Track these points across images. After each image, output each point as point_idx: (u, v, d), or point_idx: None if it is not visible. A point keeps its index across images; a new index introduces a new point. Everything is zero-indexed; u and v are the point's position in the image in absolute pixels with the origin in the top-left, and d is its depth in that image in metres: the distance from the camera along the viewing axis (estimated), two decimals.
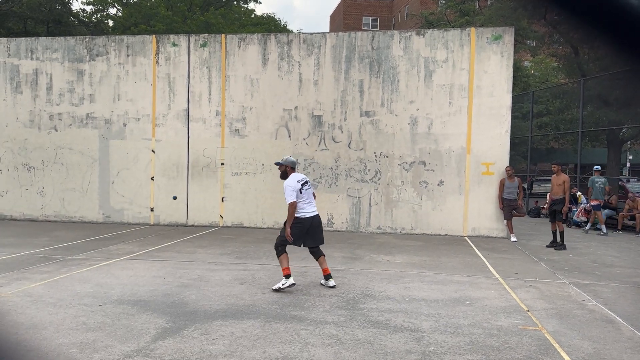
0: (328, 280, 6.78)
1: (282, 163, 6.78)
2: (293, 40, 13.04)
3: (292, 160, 6.81)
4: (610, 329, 5.32)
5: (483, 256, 9.57)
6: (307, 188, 6.68)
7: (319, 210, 12.63)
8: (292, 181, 6.58)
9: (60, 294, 6.24)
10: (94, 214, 13.67)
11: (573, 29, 0.71)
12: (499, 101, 12.15)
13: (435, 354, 4.46)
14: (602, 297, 6.68)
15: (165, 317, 5.39)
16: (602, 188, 13.67)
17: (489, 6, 27.57)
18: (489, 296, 6.55)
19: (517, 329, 5.21)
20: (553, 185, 10.98)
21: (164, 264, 8.22)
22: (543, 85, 30.78)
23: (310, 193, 6.72)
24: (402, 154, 12.60)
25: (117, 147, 13.58)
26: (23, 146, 13.95)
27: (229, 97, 13.21)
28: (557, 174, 10.91)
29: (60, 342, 4.58)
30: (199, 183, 13.34)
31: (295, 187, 6.54)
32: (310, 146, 12.92)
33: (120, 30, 31.01)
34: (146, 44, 13.50)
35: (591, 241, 12.24)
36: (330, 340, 4.76)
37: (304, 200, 6.61)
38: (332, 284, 6.76)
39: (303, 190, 6.61)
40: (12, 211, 14.01)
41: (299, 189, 6.57)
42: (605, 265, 9.12)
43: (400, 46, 12.59)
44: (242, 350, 4.45)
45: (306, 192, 6.65)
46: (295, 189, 6.53)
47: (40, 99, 13.87)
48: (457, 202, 12.40)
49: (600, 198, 13.66)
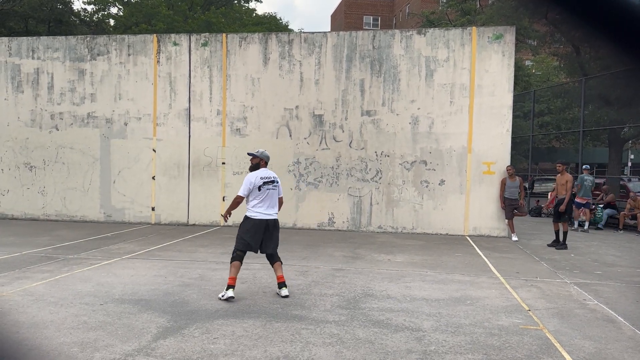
0: (281, 289, 6.19)
1: (257, 155, 6.33)
2: (294, 40, 13.04)
3: (267, 155, 6.39)
4: (612, 328, 5.31)
5: (484, 255, 9.56)
6: (269, 187, 6.14)
7: (320, 210, 12.76)
8: (253, 176, 6.15)
9: (61, 293, 6.25)
10: (95, 213, 13.68)
11: (574, 28, 0.71)
12: (500, 100, 12.14)
13: (436, 353, 4.46)
14: (603, 296, 6.68)
15: (167, 316, 5.40)
16: (590, 186, 14.02)
17: (490, 5, 27.53)
18: (490, 295, 6.55)
19: (518, 328, 5.21)
20: (557, 184, 10.96)
21: (165, 263, 8.22)
22: (544, 84, 30.74)
23: (272, 195, 6.16)
24: (403, 153, 12.59)
25: (118, 146, 13.59)
26: (24, 145, 13.97)
27: (230, 96, 13.21)
28: (561, 173, 10.89)
29: (61, 341, 4.59)
30: (200, 182, 13.34)
31: (253, 183, 6.09)
32: (311, 145, 12.92)
33: (121, 29, 31.02)
34: (147, 44, 13.50)
35: (592, 241, 12.23)
36: (331, 339, 4.76)
37: (259, 199, 6.10)
38: (284, 293, 6.14)
39: (263, 188, 6.11)
40: (13, 210, 14.02)
41: (258, 186, 6.09)
42: (607, 264, 9.11)
43: (401, 45, 12.59)
44: (243, 350, 4.45)
45: (267, 191, 6.13)
46: (252, 185, 6.08)
47: (41, 98, 13.88)
48: (458, 201, 12.39)
49: (588, 196, 13.97)
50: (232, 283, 6.01)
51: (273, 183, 6.21)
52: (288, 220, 12.79)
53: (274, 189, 6.21)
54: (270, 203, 6.18)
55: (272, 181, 6.20)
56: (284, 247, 10.02)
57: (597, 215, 14.84)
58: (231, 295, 5.97)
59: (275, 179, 6.29)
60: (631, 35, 0.72)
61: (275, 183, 6.25)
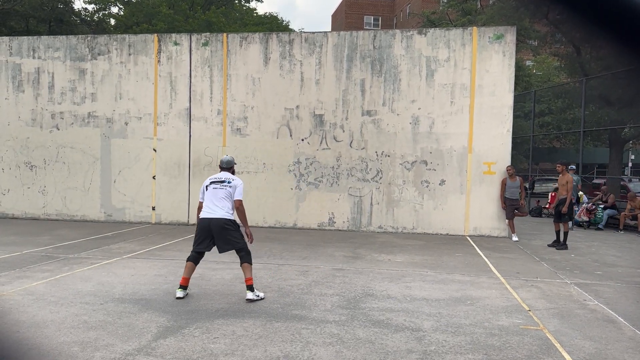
0: (247, 292, 6.03)
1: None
2: (295, 40, 13.04)
3: (222, 160, 6.46)
4: (612, 328, 5.31)
5: (484, 256, 9.56)
6: (214, 187, 6.14)
7: (320, 210, 12.77)
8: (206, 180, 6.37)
9: (61, 292, 6.25)
10: (96, 213, 13.69)
11: (575, 29, 0.71)
12: (501, 100, 12.14)
13: (437, 353, 4.46)
14: (603, 296, 6.68)
15: (167, 315, 5.40)
16: (575, 185, 14.12)
17: (491, 5, 27.54)
18: (491, 296, 6.55)
19: (519, 328, 5.21)
20: (558, 185, 10.97)
21: (166, 263, 8.23)
22: (545, 84, 30.74)
23: (215, 193, 6.10)
24: (404, 153, 12.59)
25: (119, 146, 13.60)
26: (25, 145, 13.97)
27: (231, 96, 13.21)
28: (562, 173, 10.88)
29: (61, 340, 4.59)
30: (201, 182, 13.28)
31: (202, 186, 6.31)
32: (311, 145, 12.92)
33: (122, 29, 31.04)
34: (148, 43, 13.51)
35: (593, 241, 12.23)
36: (332, 339, 4.76)
37: (207, 199, 6.14)
38: (249, 296, 5.97)
39: (209, 188, 6.16)
40: (13, 210, 14.03)
41: (205, 186, 6.23)
42: (607, 265, 9.11)
43: (402, 45, 12.58)
44: (244, 349, 4.45)
45: (212, 191, 6.13)
46: (201, 189, 6.32)
47: (42, 97, 13.88)
48: (459, 201, 12.39)
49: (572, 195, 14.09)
50: (182, 283, 6.11)
51: (222, 183, 6.15)
52: (288, 220, 12.79)
53: (220, 188, 6.13)
54: (212, 201, 6.09)
55: (219, 181, 6.17)
56: (285, 246, 10.04)
57: (598, 215, 14.83)
58: (180, 295, 6.03)
59: (223, 179, 6.18)
60: (633, 34, 0.72)
61: (225, 183, 6.15)
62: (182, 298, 6.04)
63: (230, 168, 6.39)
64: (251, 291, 6.00)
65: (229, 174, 6.29)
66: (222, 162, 6.38)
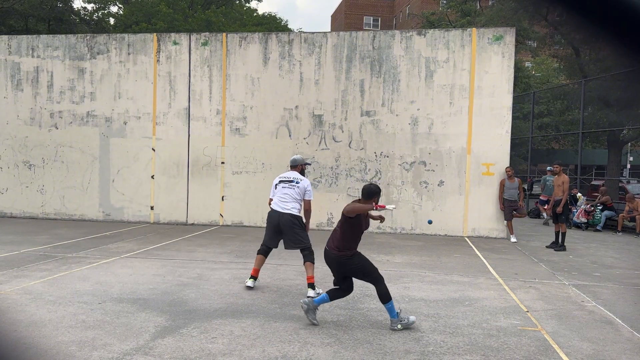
0: (309, 290, 6.23)
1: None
2: (294, 40, 13.04)
3: (292, 159, 6.81)
4: (610, 330, 5.32)
5: (483, 257, 9.57)
6: (283, 186, 6.54)
7: (319, 210, 12.78)
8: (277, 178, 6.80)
9: (59, 291, 6.25)
10: (94, 212, 13.67)
11: (575, 30, 0.71)
12: (500, 102, 12.15)
13: (434, 354, 4.46)
14: (601, 298, 6.68)
15: (165, 315, 5.39)
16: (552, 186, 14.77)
17: (490, 7, 27.56)
18: (489, 297, 6.55)
19: (517, 329, 5.21)
20: (554, 185, 10.98)
21: (164, 263, 8.22)
22: (544, 86, 30.78)
23: (284, 191, 6.48)
24: (403, 154, 12.60)
25: (118, 145, 13.59)
26: (23, 144, 13.95)
27: (230, 96, 13.21)
28: (558, 174, 10.90)
29: (59, 339, 4.58)
30: (199, 182, 13.34)
31: (272, 184, 6.68)
32: (310, 145, 12.92)
33: (121, 28, 31.02)
34: (147, 43, 13.50)
35: (591, 242, 12.24)
36: (330, 339, 4.76)
37: (276, 196, 6.53)
38: (310, 294, 6.14)
39: (279, 187, 6.57)
40: (12, 209, 14.01)
41: (275, 185, 6.61)
42: (605, 266, 9.12)
43: (402, 46, 12.59)
44: (242, 349, 4.45)
45: (281, 189, 6.52)
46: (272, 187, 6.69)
47: (41, 96, 13.87)
48: (457, 202, 12.40)
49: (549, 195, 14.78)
50: (253, 274, 6.59)
51: (289, 182, 6.51)
52: None
53: (290, 187, 6.47)
54: (281, 199, 6.43)
55: (286, 180, 6.54)
56: (283, 246, 10.02)
57: (596, 217, 14.85)
58: (249, 284, 6.50)
59: (295, 179, 6.53)
60: (633, 36, 0.72)
61: (293, 182, 6.51)
62: (252, 288, 6.48)
63: (297, 167, 6.68)
64: (312, 289, 6.19)
65: (297, 174, 6.61)
66: (291, 161, 6.76)
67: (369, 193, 5.16)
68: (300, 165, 6.70)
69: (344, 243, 5.04)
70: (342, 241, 5.04)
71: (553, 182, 15.30)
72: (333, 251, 5.08)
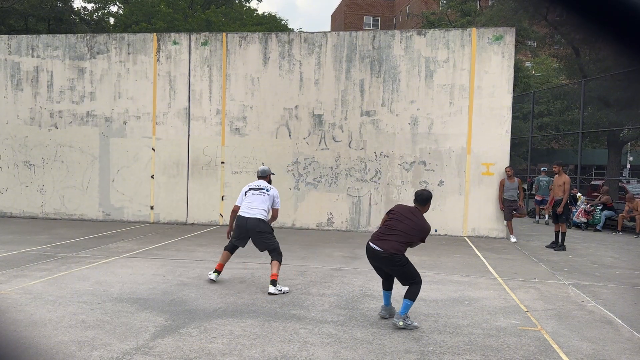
0: (270, 287, 6.40)
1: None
2: (294, 40, 13.04)
3: (258, 170, 7.18)
4: (609, 330, 5.32)
5: (483, 256, 9.57)
6: (253, 193, 6.85)
7: (319, 210, 12.79)
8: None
9: (59, 291, 6.25)
10: (94, 212, 13.67)
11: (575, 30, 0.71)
12: (500, 101, 12.15)
13: (434, 353, 4.46)
14: (601, 298, 6.69)
15: (165, 315, 5.39)
16: (546, 186, 15.83)
17: (490, 6, 27.56)
18: (489, 296, 6.56)
19: (516, 329, 5.21)
20: (554, 185, 10.94)
21: (164, 262, 8.22)
22: (544, 85, 30.78)
23: (254, 198, 6.77)
24: (403, 153, 12.60)
25: (118, 145, 13.58)
26: (23, 143, 13.95)
27: (230, 95, 13.21)
28: (558, 174, 10.87)
29: (59, 339, 4.59)
30: (199, 181, 13.34)
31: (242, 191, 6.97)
32: (310, 145, 12.92)
33: (121, 28, 31.02)
34: (147, 42, 13.50)
35: (591, 242, 12.24)
36: (330, 339, 4.76)
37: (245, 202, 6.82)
38: (271, 290, 6.32)
39: (249, 193, 6.85)
40: (12, 208, 14.01)
41: (244, 192, 6.89)
42: (605, 266, 9.12)
43: (401, 46, 12.59)
44: (241, 349, 4.45)
45: (251, 196, 6.82)
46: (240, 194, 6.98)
47: (40, 96, 13.86)
48: (457, 202, 12.40)
49: (544, 194, 15.77)
50: (218, 268, 6.95)
51: (260, 190, 6.83)
52: (287, 220, 12.78)
53: (259, 194, 6.79)
54: (250, 204, 6.73)
55: (259, 188, 6.86)
56: (283, 246, 9.99)
57: (596, 217, 14.85)
58: (212, 277, 6.86)
59: (265, 187, 6.87)
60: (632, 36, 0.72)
61: (263, 190, 6.84)
62: (215, 281, 6.82)
63: (266, 177, 7.04)
64: (274, 285, 6.38)
65: (266, 182, 6.97)
66: (259, 172, 7.11)
67: (427, 198, 5.51)
68: (269, 175, 7.11)
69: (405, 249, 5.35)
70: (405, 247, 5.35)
71: (546, 182, 15.87)
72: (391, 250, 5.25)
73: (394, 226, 5.34)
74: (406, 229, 5.27)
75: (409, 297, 5.11)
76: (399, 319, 5.08)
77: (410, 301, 5.09)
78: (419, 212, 5.43)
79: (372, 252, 5.34)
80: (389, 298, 5.43)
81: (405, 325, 5.06)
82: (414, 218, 5.33)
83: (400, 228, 5.29)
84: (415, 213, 5.40)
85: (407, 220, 5.31)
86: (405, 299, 5.12)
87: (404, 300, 5.12)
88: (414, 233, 5.28)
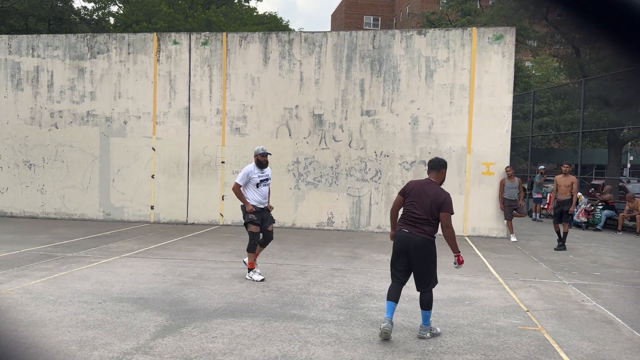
0: None
1: None
2: (294, 39, 13.04)
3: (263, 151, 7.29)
4: (610, 329, 5.32)
5: (483, 256, 9.57)
6: (265, 184, 7.31)
7: (319, 209, 12.81)
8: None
9: (60, 291, 6.25)
10: (94, 212, 13.67)
11: (575, 29, 0.71)
12: (500, 101, 12.14)
13: (434, 353, 4.46)
14: (601, 297, 6.69)
15: (165, 315, 5.39)
16: (539, 184, 17.14)
17: (491, 6, 27.55)
18: (489, 296, 6.56)
19: (517, 329, 5.21)
20: (560, 185, 10.82)
21: (164, 262, 8.22)
22: (544, 85, 30.76)
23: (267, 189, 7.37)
24: (403, 153, 12.59)
25: (118, 144, 13.58)
26: (24, 143, 13.95)
27: (230, 95, 13.21)
28: (565, 174, 10.82)
29: (59, 339, 4.59)
30: (200, 181, 13.34)
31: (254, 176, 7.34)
32: (310, 145, 12.92)
33: (121, 27, 31.02)
34: (147, 42, 13.49)
35: (591, 242, 12.24)
36: (330, 339, 4.76)
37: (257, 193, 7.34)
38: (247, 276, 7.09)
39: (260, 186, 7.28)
40: (12, 208, 14.01)
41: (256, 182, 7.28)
42: (605, 265, 9.12)
43: (402, 45, 12.59)
44: (242, 349, 4.45)
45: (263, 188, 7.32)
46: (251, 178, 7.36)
47: (41, 96, 13.87)
48: (458, 202, 12.34)
49: (541, 192, 17.07)
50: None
51: (267, 180, 7.35)
52: (287, 219, 12.78)
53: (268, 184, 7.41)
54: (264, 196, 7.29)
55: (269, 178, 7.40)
56: (283, 246, 10.03)
57: (596, 216, 14.85)
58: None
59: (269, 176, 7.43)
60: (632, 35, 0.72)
61: (269, 180, 7.40)
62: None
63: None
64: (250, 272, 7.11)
65: (269, 168, 7.41)
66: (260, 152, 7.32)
67: (439, 164, 5.17)
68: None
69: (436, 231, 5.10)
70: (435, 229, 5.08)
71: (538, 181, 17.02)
72: (420, 234, 4.97)
73: (413, 213, 4.96)
74: (426, 209, 4.91)
75: (427, 307, 4.91)
76: (425, 331, 4.89)
77: (429, 310, 4.92)
78: (434, 184, 5.05)
79: (405, 238, 4.93)
80: (394, 311, 4.92)
81: (432, 335, 4.91)
82: (430, 192, 4.93)
83: (419, 213, 4.93)
84: (430, 186, 5.02)
85: (425, 197, 4.92)
86: (424, 310, 4.92)
87: (423, 312, 4.93)
88: (435, 207, 4.92)
